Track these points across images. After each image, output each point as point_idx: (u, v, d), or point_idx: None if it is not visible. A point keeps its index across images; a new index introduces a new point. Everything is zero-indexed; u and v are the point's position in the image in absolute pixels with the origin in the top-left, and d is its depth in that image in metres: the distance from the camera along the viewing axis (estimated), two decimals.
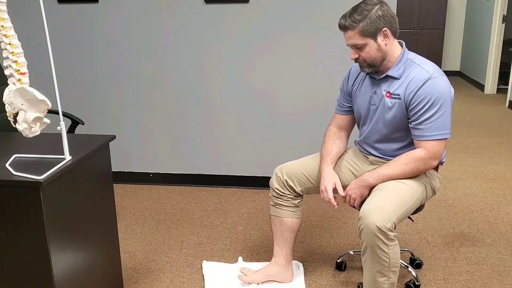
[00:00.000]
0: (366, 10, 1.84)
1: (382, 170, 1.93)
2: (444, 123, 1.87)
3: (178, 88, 3.32)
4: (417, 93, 1.85)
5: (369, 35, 1.85)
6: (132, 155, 3.52)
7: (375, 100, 1.99)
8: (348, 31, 1.87)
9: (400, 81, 1.91)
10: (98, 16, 3.24)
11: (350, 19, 1.85)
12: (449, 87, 1.86)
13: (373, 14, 1.83)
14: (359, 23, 1.83)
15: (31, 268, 1.59)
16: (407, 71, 1.90)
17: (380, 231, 1.72)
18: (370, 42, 1.86)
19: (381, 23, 1.84)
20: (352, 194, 1.98)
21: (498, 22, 6.39)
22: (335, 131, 2.19)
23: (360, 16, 1.83)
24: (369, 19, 1.83)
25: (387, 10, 1.87)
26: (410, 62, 1.92)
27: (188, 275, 2.35)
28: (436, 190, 2.06)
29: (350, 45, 1.90)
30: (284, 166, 2.17)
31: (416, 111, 1.86)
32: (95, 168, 1.85)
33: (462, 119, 5.33)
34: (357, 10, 1.85)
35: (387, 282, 1.83)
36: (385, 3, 1.88)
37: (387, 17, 1.86)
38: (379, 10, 1.84)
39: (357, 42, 1.87)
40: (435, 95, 1.83)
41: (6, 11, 1.55)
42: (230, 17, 3.12)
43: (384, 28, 1.85)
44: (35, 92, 1.54)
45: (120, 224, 2.92)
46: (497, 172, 3.70)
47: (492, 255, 2.49)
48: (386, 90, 1.94)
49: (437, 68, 1.90)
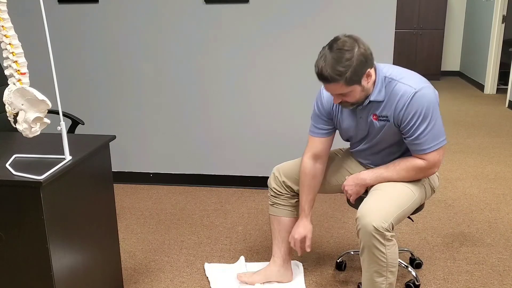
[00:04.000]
0: (347, 59, 1.69)
1: (381, 172, 1.92)
2: (439, 131, 1.83)
3: (178, 88, 3.32)
4: (406, 111, 1.79)
5: (355, 83, 1.74)
6: (132, 155, 3.52)
7: (362, 125, 1.93)
8: (331, 84, 1.74)
9: (384, 102, 1.83)
10: (98, 16, 3.24)
11: (332, 71, 1.69)
12: (434, 93, 1.81)
13: (356, 62, 1.69)
14: (344, 75, 1.69)
15: (31, 268, 1.59)
16: (388, 90, 1.82)
17: (377, 231, 1.73)
18: (356, 87, 1.76)
19: (365, 66, 1.73)
20: (349, 190, 1.99)
21: (498, 22, 6.39)
22: (310, 166, 2.06)
23: (343, 67, 1.69)
24: (353, 68, 1.69)
25: (364, 47, 1.73)
26: (389, 79, 1.82)
27: (188, 275, 2.36)
28: (435, 189, 2.06)
29: (332, 94, 1.80)
30: (282, 166, 2.17)
31: (409, 127, 1.81)
32: (95, 168, 1.85)
33: (462, 119, 5.33)
34: (337, 59, 1.69)
35: (385, 282, 1.83)
36: (360, 41, 1.73)
37: (368, 57, 1.73)
38: (360, 55, 1.70)
39: (342, 92, 1.77)
40: (424, 108, 1.77)
41: (6, 11, 1.55)
42: (230, 17, 3.12)
43: (368, 70, 1.75)
44: (35, 92, 1.55)
45: (120, 224, 2.92)
46: (497, 172, 3.70)
47: (492, 255, 2.49)
48: (372, 113, 1.88)
49: (417, 78, 1.82)
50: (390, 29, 3.00)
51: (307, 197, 2.07)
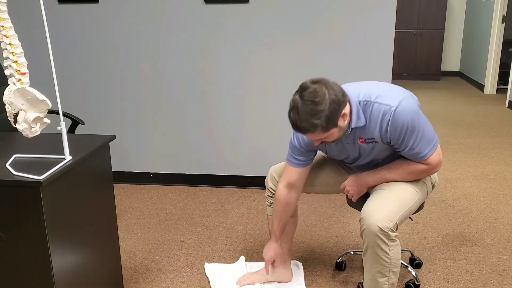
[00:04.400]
0: (320, 110, 1.64)
1: (383, 173, 1.92)
2: (430, 135, 1.81)
3: (178, 88, 3.32)
4: (391, 130, 1.76)
5: (331, 128, 1.70)
6: (132, 155, 3.52)
7: (351, 150, 1.92)
8: (307, 134, 1.72)
9: (367, 125, 1.80)
10: (98, 16, 3.24)
11: (308, 125, 1.66)
12: (413, 101, 1.77)
13: (330, 110, 1.65)
14: (319, 126, 1.66)
15: (31, 268, 1.59)
16: (367, 113, 1.78)
17: (382, 232, 1.73)
18: (333, 130, 1.72)
19: (339, 111, 1.68)
20: (350, 190, 1.99)
21: (498, 22, 6.39)
22: (284, 194, 2.04)
23: (317, 119, 1.64)
24: (328, 117, 1.65)
25: (336, 93, 1.66)
26: (364, 103, 1.78)
27: (188, 275, 2.36)
28: (435, 184, 2.06)
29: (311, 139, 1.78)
30: (278, 166, 2.17)
31: (399, 142, 1.80)
32: (95, 168, 1.85)
33: (462, 119, 5.33)
34: (310, 112, 1.64)
35: (387, 283, 1.83)
36: (328, 85, 1.67)
37: (340, 101, 1.67)
38: (332, 103, 1.65)
39: (320, 138, 1.74)
40: (409, 121, 1.73)
41: (6, 11, 1.55)
42: (230, 17, 3.12)
43: (342, 112, 1.70)
44: (35, 92, 1.55)
45: (120, 224, 2.92)
46: (497, 172, 3.70)
47: (492, 255, 2.49)
48: (358, 137, 1.85)
49: (391, 92, 1.78)
50: (390, 29, 3.00)
51: (279, 223, 2.11)
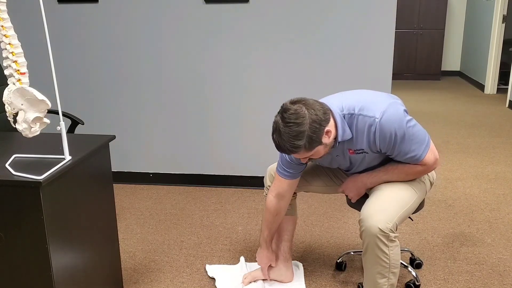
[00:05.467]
0: (301, 131, 1.64)
1: (381, 175, 1.91)
2: (420, 136, 1.80)
3: (178, 88, 3.32)
4: (379, 140, 1.76)
5: (315, 146, 1.70)
6: (132, 155, 3.52)
7: (341, 161, 1.92)
8: (292, 154, 1.73)
9: (354, 137, 1.80)
10: (98, 16, 3.24)
11: (291, 146, 1.67)
12: (398, 107, 1.76)
13: (311, 130, 1.65)
14: (302, 146, 1.67)
15: (31, 268, 1.59)
16: (352, 126, 1.78)
17: (382, 233, 1.72)
18: (318, 148, 1.72)
19: (321, 129, 1.68)
20: (349, 193, 1.99)
21: (498, 22, 6.38)
22: (273, 204, 2.05)
23: (299, 139, 1.65)
24: (310, 136, 1.66)
25: (315, 110, 1.67)
26: (348, 116, 1.78)
27: (188, 275, 2.35)
28: (433, 182, 2.05)
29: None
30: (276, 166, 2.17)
31: (390, 150, 1.79)
32: (95, 168, 1.85)
33: (462, 119, 5.33)
34: (292, 134, 1.65)
35: (387, 283, 1.83)
36: (308, 105, 1.67)
37: (321, 120, 1.67)
38: (313, 123, 1.65)
39: (305, 156, 1.75)
40: (396, 128, 1.73)
41: (6, 11, 1.55)
42: (230, 17, 3.12)
43: (325, 129, 1.69)
44: (35, 92, 1.54)
45: (120, 224, 2.92)
46: (497, 172, 3.70)
47: (492, 255, 2.49)
48: (347, 149, 1.85)
49: (374, 103, 1.77)
50: (390, 29, 2.99)
51: (270, 232, 2.13)
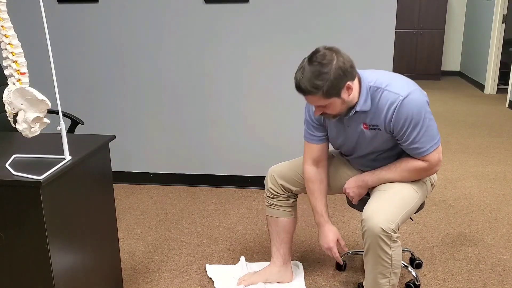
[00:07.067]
0: (325, 72, 1.66)
1: (383, 174, 1.91)
2: (433, 132, 1.81)
3: (178, 88, 3.32)
4: (396, 119, 1.77)
5: (333, 95, 1.71)
6: (132, 155, 3.52)
7: (351, 134, 1.91)
8: (308, 96, 1.73)
9: (372, 111, 1.81)
10: (98, 16, 3.24)
11: (309, 84, 1.68)
12: (422, 96, 1.78)
13: (333, 75, 1.67)
14: (321, 88, 1.68)
15: (31, 268, 1.59)
16: (375, 99, 1.79)
17: (384, 233, 1.72)
18: (335, 100, 1.73)
19: (343, 80, 1.70)
20: (350, 193, 1.98)
21: (498, 22, 6.38)
22: (314, 172, 2.03)
23: (320, 80, 1.67)
24: (331, 82, 1.67)
25: (344, 61, 1.69)
26: (374, 88, 1.79)
27: (188, 275, 2.35)
28: (434, 184, 2.05)
29: (312, 105, 1.80)
30: (278, 167, 2.16)
31: (402, 133, 1.80)
32: (95, 168, 1.85)
33: (462, 119, 5.33)
34: (315, 72, 1.67)
35: (388, 284, 1.82)
36: (339, 54, 1.70)
37: (347, 70, 1.69)
38: (338, 69, 1.67)
39: (320, 104, 1.75)
40: (414, 113, 1.74)
41: (6, 11, 1.55)
42: (230, 17, 3.12)
43: (347, 83, 1.71)
44: (35, 92, 1.54)
45: (120, 224, 2.92)
46: (497, 172, 3.70)
47: (492, 255, 2.49)
48: (362, 123, 1.85)
49: (403, 83, 1.79)
50: (390, 29, 2.99)
51: (321, 203, 2.03)
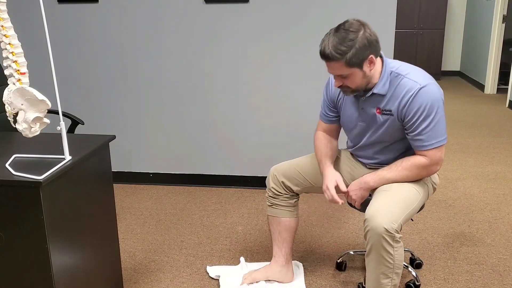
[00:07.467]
0: (350, 39, 1.71)
1: (384, 173, 1.91)
2: (441, 129, 1.83)
3: (178, 88, 3.32)
4: (410, 106, 1.80)
5: (355, 65, 1.75)
6: (132, 155, 3.52)
7: (364, 117, 1.94)
8: (331, 62, 1.75)
9: (387, 96, 1.85)
10: (98, 16, 3.24)
11: (334, 50, 1.72)
12: (440, 91, 1.81)
13: (359, 43, 1.71)
14: (345, 54, 1.71)
15: (31, 268, 1.59)
16: (393, 85, 1.83)
17: (388, 233, 1.72)
18: (356, 71, 1.77)
19: (367, 51, 1.74)
20: (353, 196, 1.98)
21: (498, 22, 6.38)
22: (324, 135, 2.13)
23: (345, 47, 1.71)
24: (355, 49, 1.71)
25: (370, 34, 1.75)
26: (395, 74, 1.84)
27: (188, 275, 2.35)
28: (435, 186, 2.06)
29: (333, 74, 1.82)
30: (280, 166, 2.16)
31: (412, 122, 1.82)
32: (95, 168, 1.85)
33: (462, 119, 5.33)
34: (340, 39, 1.72)
35: (390, 284, 1.82)
36: (367, 26, 1.76)
37: (372, 43, 1.75)
38: (364, 39, 1.72)
39: (342, 73, 1.78)
40: (429, 104, 1.78)
41: (6, 11, 1.55)
42: (230, 17, 3.12)
43: (370, 56, 1.76)
44: (35, 92, 1.54)
45: (120, 224, 2.92)
46: (497, 172, 3.70)
47: (492, 255, 2.49)
48: (376, 107, 1.88)
49: (424, 75, 1.84)
50: (390, 29, 2.99)
51: (326, 156, 2.06)
